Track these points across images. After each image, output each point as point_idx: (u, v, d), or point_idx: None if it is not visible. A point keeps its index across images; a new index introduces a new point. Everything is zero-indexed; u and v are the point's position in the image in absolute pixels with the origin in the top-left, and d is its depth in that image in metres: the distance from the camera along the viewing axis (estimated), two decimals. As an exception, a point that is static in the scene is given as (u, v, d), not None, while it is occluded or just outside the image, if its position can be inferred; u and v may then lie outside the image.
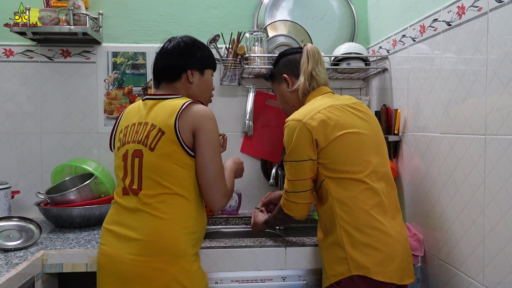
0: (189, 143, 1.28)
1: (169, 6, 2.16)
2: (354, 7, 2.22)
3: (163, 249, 1.24)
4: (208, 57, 1.46)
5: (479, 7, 1.23)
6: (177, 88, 1.41)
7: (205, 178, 1.30)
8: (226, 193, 1.36)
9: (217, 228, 2.06)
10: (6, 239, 1.53)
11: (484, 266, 1.22)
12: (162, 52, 1.43)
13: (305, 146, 1.35)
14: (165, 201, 1.26)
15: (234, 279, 1.55)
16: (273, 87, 1.65)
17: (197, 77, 1.43)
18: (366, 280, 1.28)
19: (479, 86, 1.23)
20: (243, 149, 2.19)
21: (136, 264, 1.23)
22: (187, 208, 1.29)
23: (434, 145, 1.49)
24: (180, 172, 1.27)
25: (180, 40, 1.43)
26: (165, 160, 1.27)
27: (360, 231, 1.30)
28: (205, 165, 1.29)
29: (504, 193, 1.13)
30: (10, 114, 2.09)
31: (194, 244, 1.30)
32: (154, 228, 1.25)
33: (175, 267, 1.24)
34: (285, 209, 1.45)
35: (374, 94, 2.10)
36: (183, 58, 1.40)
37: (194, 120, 1.29)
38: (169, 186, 1.26)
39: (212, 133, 1.31)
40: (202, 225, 1.36)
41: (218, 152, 1.33)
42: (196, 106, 1.32)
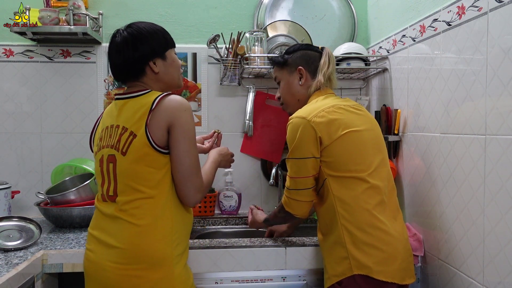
0: (162, 142, 1.22)
1: (169, 6, 2.16)
2: (354, 7, 2.22)
3: (141, 257, 1.21)
4: (160, 39, 1.32)
5: (479, 7, 1.23)
6: (145, 83, 1.32)
7: (179, 172, 1.24)
8: (201, 187, 1.29)
9: (217, 228, 2.06)
10: (6, 239, 1.53)
11: (484, 266, 1.22)
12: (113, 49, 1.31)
13: (308, 143, 1.35)
14: (141, 207, 1.22)
15: (234, 279, 1.55)
16: (280, 74, 1.58)
17: (161, 64, 1.32)
18: (368, 279, 1.28)
19: (479, 86, 1.23)
20: (243, 149, 2.19)
21: (116, 272, 1.21)
22: (163, 210, 1.23)
23: (434, 145, 1.49)
24: (155, 174, 1.22)
25: (126, 34, 1.30)
26: (137, 164, 1.21)
27: (362, 230, 1.30)
28: (179, 159, 1.23)
29: (504, 193, 1.13)
30: (10, 114, 2.09)
31: (176, 245, 1.25)
32: (131, 236, 1.21)
33: (154, 273, 1.21)
34: (286, 207, 1.45)
35: (374, 94, 2.10)
36: (138, 51, 1.28)
37: (168, 115, 1.22)
38: (143, 190, 1.22)
39: (188, 125, 1.24)
40: (183, 224, 1.31)
41: (194, 145, 1.27)
42: (168, 99, 1.24)
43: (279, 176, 2.09)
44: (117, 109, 1.29)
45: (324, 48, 1.54)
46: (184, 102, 1.26)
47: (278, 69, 1.59)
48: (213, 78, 2.18)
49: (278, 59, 1.57)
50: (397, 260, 1.31)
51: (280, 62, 1.57)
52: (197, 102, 2.18)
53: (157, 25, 1.36)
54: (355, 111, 1.42)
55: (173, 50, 1.37)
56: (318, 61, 1.51)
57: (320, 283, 1.58)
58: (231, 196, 2.11)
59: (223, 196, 2.11)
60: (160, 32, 1.34)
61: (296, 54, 1.54)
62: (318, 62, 1.51)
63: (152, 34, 1.31)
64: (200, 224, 2.07)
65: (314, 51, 1.54)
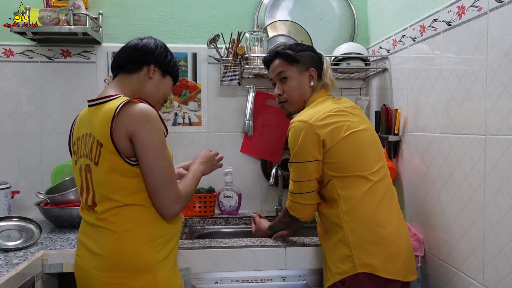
0: (127, 153, 1.18)
1: (169, 6, 2.16)
2: (354, 7, 2.22)
3: (122, 264, 1.19)
4: (174, 66, 1.40)
5: (479, 7, 1.23)
6: (131, 81, 1.32)
7: (149, 185, 1.20)
8: (179, 198, 1.24)
9: (217, 228, 2.06)
10: (6, 239, 1.53)
11: (484, 266, 1.21)
12: (131, 42, 1.37)
13: (311, 147, 1.35)
14: (119, 213, 1.20)
15: (234, 279, 1.55)
16: (288, 70, 1.51)
17: (158, 76, 1.35)
18: (372, 277, 1.29)
19: (479, 86, 1.23)
20: (243, 149, 2.19)
21: (100, 279, 1.20)
22: (143, 216, 1.21)
23: (434, 145, 1.48)
24: (130, 183, 1.20)
25: (154, 40, 1.38)
26: (111, 174, 1.18)
27: (366, 228, 1.31)
28: (146, 172, 1.19)
29: (504, 193, 1.13)
30: (10, 114, 2.09)
31: (159, 250, 1.23)
32: (111, 243, 1.20)
33: (136, 281, 1.19)
34: (291, 211, 1.45)
35: (374, 94, 2.10)
36: (153, 52, 1.34)
37: (128, 125, 1.17)
38: (120, 199, 1.19)
39: (149, 137, 1.18)
40: (168, 229, 1.26)
41: (160, 156, 1.19)
42: (131, 107, 1.18)
43: (279, 176, 2.09)
44: (88, 116, 1.27)
45: (321, 54, 1.58)
46: (147, 111, 1.19)
47: (287, 65, 1.52)
48: (213, 78, 2.18)
49: (292, 54, 1.51)
50: (401, 258, 1.33)
51: (292, 57, 1.51)
52: (197, 102, 2.18)
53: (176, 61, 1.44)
54: (353, 112, 1.44)
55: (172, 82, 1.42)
56: (321, 65, 1.55)
57: (320, 283, 1.58)
58: (231, 196, 2.11)
59: (223, 196, 2.11)
60: (176, 62, 1.41)
61: (306, 54, 1.53)
62: (322, 66, 1.55)
63: (173, 57, 1.40)
64: (200, 224, 2.07)
65: (317, 54, 1.57)
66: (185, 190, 1.29)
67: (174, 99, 2.16)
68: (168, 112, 2.17)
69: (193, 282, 1.53)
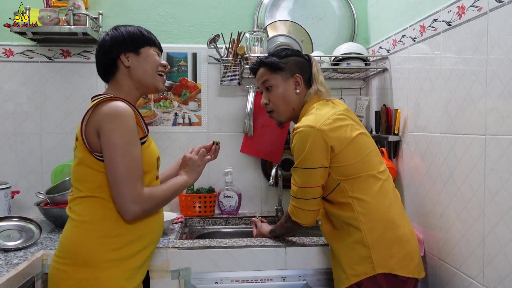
0: (95, 148, 1.21)
1: (169, 6, 2.16)
2: (354, 7, 2.22)
3: (69, 252, 1.21)
4: (134, 36, 1.33)
5: (479, 7, 1.23)
6: (119, 81, 1.33)
7: (109, 181, 1.20)
8: (137, 199, 1.20)
9: (217, 228, 2.06)
10: (6, 239, 1.53)
11: (484, 266, 1.21)
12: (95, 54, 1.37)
13: (318, 153, 1.33)
14: (82, 203, 1.23)
15: (234, 279, 1.55)
16: (272, 78, 1.49)
17: (134, 59, 1.32)
18: (390, 278, 1.28)
19: (479, 86, 1.23)
20: (243, 149, 2.19)
21: (52, 263, 1.24)
22: (104, 210, 1.21)
23: (434, 145, 1.48)
24: (97, 176, 1.21)
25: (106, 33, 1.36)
26: (79, 165, 1.23)
27: (383, 228, 1.31)
28: (107, 167, 1.19)
29: (504, 193, 1.13)
30: (10, 114, 2.09)
31: (113, 249, 1.20)
32: (68, 229, 1.24)
33: (77, 272, 1.19)
34: (293, 217, 1.45)
35: (374, 94, 2.10)
36: (110, 49, 1.32)
37: (97, 121, 1.20)
38: (85, 190, 1.22)
39: (112, 132, 1.18)
40: (131, 230, 1.23)
41: (120, 152, 1.18)
42: (103, 105, 1.21)
43: (279, 176, 2.09)
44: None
45: (310, 57, 1.53)
46: (115, 108, 1.20)
47: (271, 73, 1.49)
48: (213, 78, 2.18)
49: (275, 62, 1.47)
50: (415, 257, 1.34)
51: (275, 66, 1.47)
52: (197, 102, 2.18)
53: (141, 27, 1.37)
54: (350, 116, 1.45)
55: (151, 48, 1.36)
56: (309, 69, 1.50)
57: (321, 283, 1.58)
58: (231, 196, 2.11)
59: (223, 196, 2.11)
60: (138, 31, 1.35)
61: (290, 60, 1.49)
62: (310, 71, 1.50)
63: (128, 31, 1.34)
64: (200, 224, 2.07)
65: (304, 58, 1.52)
66: (154, 194, 1.25)
67: (174, 99, 2.16)
68: (168, 112, 2.17)
69: (193, 282, 1.53)
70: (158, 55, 1.38)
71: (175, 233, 1.74)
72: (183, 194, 2.09)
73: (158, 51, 1.39)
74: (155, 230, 1.32)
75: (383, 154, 1.80)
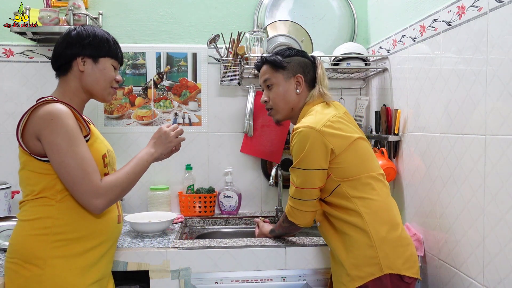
0: (36, 151, 1.20)
1: (169, 6, 2.16)
2: (354, 7, 2.22)
3: (14, 251, 1.22)
4: (100, 44, 1.31)
5: (479, 7, 1.23)
6: (68, 82, 1.30)
7: (64, 183, 1.20)
8: (98, 192, 1.19)
9: (217, 228, 2.06)
10: (6, 239, 1.53)
11: (484, 266, 1.21)
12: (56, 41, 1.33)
13: (317, 155, 1.32)
14: (27, 205, 1.24)
15: (234, 279, 1.55)
16: (273, 77, 1.50)
17: (90, 66, 1.30)
18: (395, 280, 1.28)
19: (479, 86, 1.23)
20: (243, 149, 2.19)
21: (5, 264, 1.25)
22: (46, 209, 1.21)
23: (434, 145, 1.48)
24: (41, 178, 1.21)
25: (73, 28, 1.32)
26: (23, 171, 1.24)
27: (388, 229, 1.30)
28: (57, 170, 1.19)
29: (504, 193, 1.13)
30: (10, 114, 2.09)
31: (56, 246, 1.20)
32: (14, 230, 1.26)
33: (24, 269, 1.19)
34: (290, 217, 1.45)
35: (374, 94, 2.10)
36: (72, 45, 1.29)
37: (33, 126, 1.18)
38: (29, 193, 1.23)
39: (52, 136, 1.17)
40: (75, 227, 1.22)
41: (67, 154, 1.17)
42: (39, 109, 1.19)
43: (279, 176, 2.09)
44: None
45: (316, 58, 1.53)
46: (50, 111, 1.18)
47: (272, 71, 1.50)
48: (213, 78, 2.18)
49: (277, 61, 1.48)
50: (417, 260, 1.34)
51: (277, 64, 1.48)
52: (197, 102, 2.18)
53: (111, 35, 1.36)
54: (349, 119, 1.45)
55: (111, 60, 1.34)
56: (313, 71, 1.50)
57: (321, 283, 1.58)
58: (231, 196, 2.11)
59: (223, 196, 2.11)
60: (105, 39, 1.33)
61: (294, 60, 1.49)
62: (313, 72, 1.50)
63: (96, 35, 1.31)
64: (200, 224, 2.07)
65: (308, 59, 1.52)
66: (113, 180, 1.24)
67: (174, 99, 2.16)
68: (168, 112, 2.17)
69: (193, 282, 1.53)
70: (116, 68, 1.37)
71: (175, 233, 1.74)
72: (183, 194, 2.09)
73: (117, 65, 1.37)
74: (105, 232, 1.29)
75: (383, 154, 1.80)
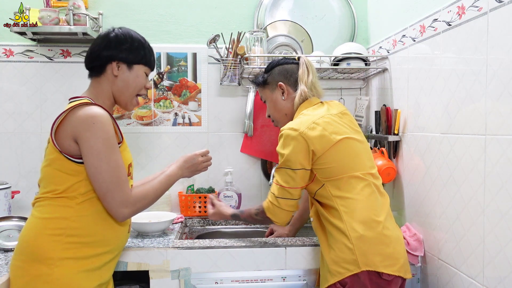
0: (71, 152, 1.21)
1: (169, 6, 2.16)
2: (354, 7, 2.22)
3: (23, 248, 1.21)
4: (137, 51, 1.33)
5: (479, 7, 1.23)
6: (101, 84, 1.33)
7: (96, 189, 1.21)
8: (127, 201, 1.23)
9: (217, 228, 2.06)
10: (6, 239, 1.53)
11: (484, 266, 1.21)
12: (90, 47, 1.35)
13: (299, 155, 1.37)
14: (45, 201, 1.23)
15: (234, 279, 1.55)
16: (263, 94, 1.62)
17: (124, 71, 1.32)
18: (374, 277, 1.29)
19: (479, 86, 1.23)
20: (243, 149, 2.19)
21: (12, 261, 1.25)
22: (64, 210, 1.21)
23: (434, 145, 1.48)
24: (67, 179, 1.21)
25: (111, 30, 1.34)
26: (49, 168, 1.23)
27: (367, 225, 1.32)
28: (91, 175, 1.20)
29: (504, 193, 1.13)
30: (10, 114, 2.09)
31: (68, 248, 1.20)
32: (26, 226, 1.25)
33: (32, 268, 1.19)
34: (268, 213, 1.47)
35: (374, 94, 2.10)
36: (108, 48, 1.30)
37: (73, 127, 1.19)
38: (51, 191, 1.23)
39: (92, 141, 1.18)
40: (87, 231, 1.23)
41: (105, 159, 1.19)
42: (79, 110, 1.20)
43: (279, 176, 2.09)
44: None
45: (301, 58, 1.56)
46: (93, 114, 1.20)
47: (261, 90, 1.62)
48: (213, 78, 2.18)
49: (258, 80, 1.61)
50: (400, 258, 1.34)
51: (260, 83, 1.60)
52: (197, 102, 2.18)
53: (146, 41, 1.37)
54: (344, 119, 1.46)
55: (144, 68, 1.36)
56: (296, 73, 1.54)
57: (320, 283, 1.58)
58: (231, 196, 2.11)
59: (223, 196, 2.11)
60: (142, 45, 1.35)
61: (274, 71, 1.57)
62: (297, 74, 1.54)
63: (134, 43, 1.33)
64: (200, 224, 2.06)
65: (291, 63, 1.57)
66: (143, 192, 1.28)
67: (174, 99, 2.16)
68: (168, 112, 2.17)
69: (193, 282, 1.53)
70: (147, 75, 1.39)
71: (175, 233, 1.74)
72: (183, 194, 2.09)
73: (149, 72, 1.40)
74: (116, 239, 1.31)
75: (383, 154, 1.80)
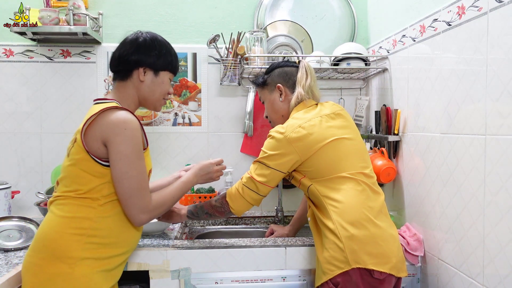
0: (99, 154, 1.21)
1: (169, 6, 2.16)
2: (354, 7, 2.22)
3: (44, 246, 1.21)
4: (164, 57, 1.36)
5: (479, 7, 1.23)
6: (127, 88, 1.34)
7: (119, 193, 1.23)
8: (146, 208, 1.25)
9: (217, 228, 2.06)
10: (6, 239, 1.53)
11: (484, 266, 1.21)
12: (120, 44, 1.37)
13: (281, 159, 1.40)
14: (67, 200, 1.23)
15: (234, 279, 1.55)
16: (262, 94, 1.64)
17: (150, 77, 1.35)
18: (365, 275, 1.29)
19: (479, 86, 1.23)
20: (243, 149, 2.19)
21: (26, 258, 1.24)
22: (86, 210, 1.22)
23: (434, 145, 1.48)
24: (91, 181, 1.22)
25: (140, 35, 1.36)
26: (74, 167, 1.23)
27: (357, 224, 1.32)
28: (117, 179, 1.21)
29: (504, 193, 1.13)
30: (10, 114, 2.09)
31: (88, 248, 1.21)
32: (46, 224, 1.24)
33: (51, 266, 1.19)
34: (229, 198, 1.47)
35: (374, 94, 2.10)
36: (137, 53, 1.33)
37: (103, 131, 1.20)
38: (73, 191, 1.23)
39: (123, 146, 1.20)
40: (113, 234, 1.25)
41: (133, 165, 1.21)
42: (110, 114, 1.21)
43: (279, 176, 2.09)
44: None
45: (301, 61, 1.58)
46: (125, 120, 1.21)
47: (260, 90, 1.64)
48: (213, 78, 2.18)
49: (258, 81, 1.63)
50: (393, 256, 1.33)
51: (260, 84, 1.62)
52: (197, 102, 2.18)
53: (172, 48, 1.41)
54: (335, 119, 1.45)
55: (170, 75, 1.40)
56: (295, 76, 1.56)
57: (320, 283, 1.58)
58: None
59: (223, 196, 2.11)
60: (170, 52, 1.39)
61: (274, 73, 1.59)
62: (296, 76, 1.55)
63: (162, 49, 1.36)
64: (200, 224, 2.07)
65: (291, 66, 1.59)
66: (161, 199, 1.31)
67: (174, 99, 2.16)
68: (168, 112, 2.17)
69: (193, 282, 1.53)
70: (171, 81, 1.43)
71: (175, 233, 1.74)
72: (183, 194, 2.09)
73: (173, 78, 1.44)
74: (132, 241, 1.34)
75: (383, 154, 1.80)
